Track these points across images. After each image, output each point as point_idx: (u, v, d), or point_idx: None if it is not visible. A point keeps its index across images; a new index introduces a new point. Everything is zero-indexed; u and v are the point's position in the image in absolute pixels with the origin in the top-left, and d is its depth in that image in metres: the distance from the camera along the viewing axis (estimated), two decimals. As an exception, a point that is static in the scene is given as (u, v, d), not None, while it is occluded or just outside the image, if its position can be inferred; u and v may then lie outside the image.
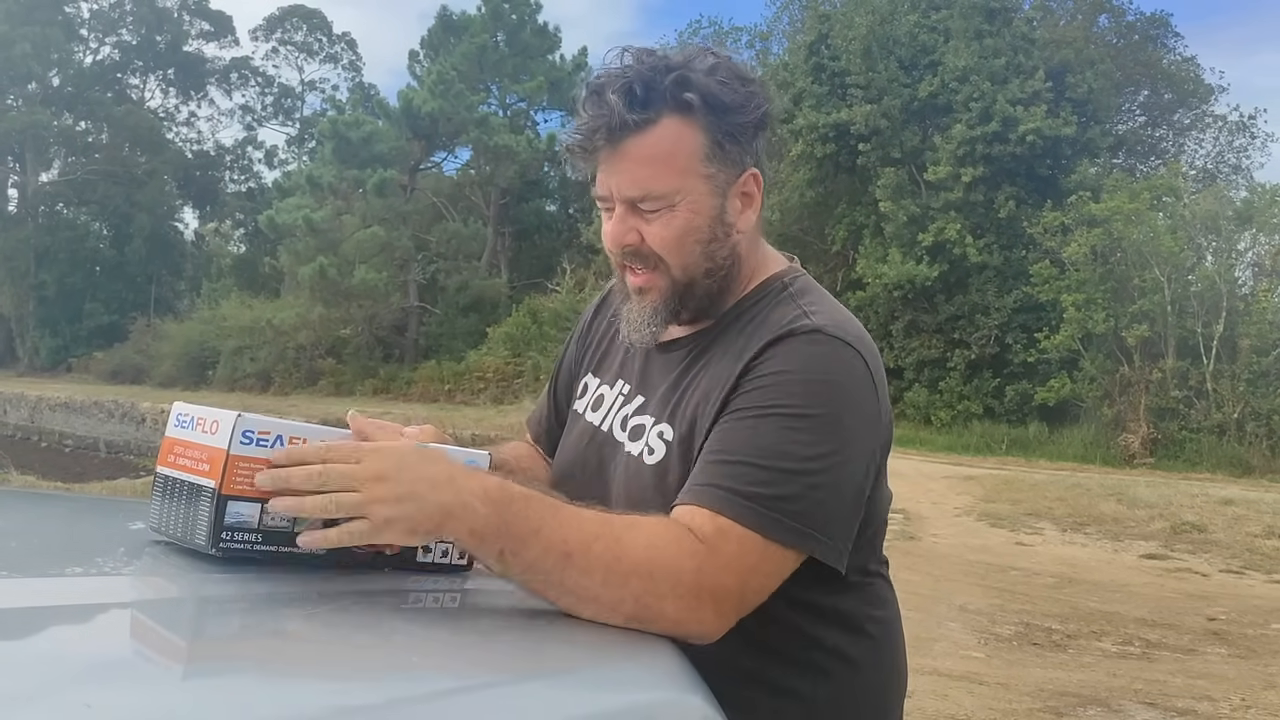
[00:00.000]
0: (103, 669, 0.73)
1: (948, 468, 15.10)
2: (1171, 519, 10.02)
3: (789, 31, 30.42)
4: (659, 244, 1.23)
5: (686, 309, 1.28)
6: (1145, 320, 17.46)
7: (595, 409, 1.41)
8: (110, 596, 0.95)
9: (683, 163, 1.20)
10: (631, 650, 1.07)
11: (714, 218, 1.24)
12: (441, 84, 28.03)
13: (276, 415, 1.14)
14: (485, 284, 29.88)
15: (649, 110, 1.18)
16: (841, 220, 23.21)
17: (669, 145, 1.19)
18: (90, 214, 45.57)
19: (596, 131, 1.18)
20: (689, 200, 1.21)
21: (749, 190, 1.27)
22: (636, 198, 1.21)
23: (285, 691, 0.77)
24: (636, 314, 1.28)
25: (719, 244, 1.25)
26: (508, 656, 0.98)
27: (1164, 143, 27.08)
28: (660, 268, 1.24)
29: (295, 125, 50.74)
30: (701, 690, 0.97)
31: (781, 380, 1.16)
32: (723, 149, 1.21)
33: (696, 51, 1.23)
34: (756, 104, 1.23)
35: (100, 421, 25.61)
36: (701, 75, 1.19)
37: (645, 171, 1.19)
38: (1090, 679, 5.16)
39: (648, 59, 1.20)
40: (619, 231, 1.23)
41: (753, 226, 1.30)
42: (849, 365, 1.18)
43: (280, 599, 1.01)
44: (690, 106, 1.18)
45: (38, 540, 1.26)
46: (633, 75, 1.18)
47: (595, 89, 1.19)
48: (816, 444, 1.12)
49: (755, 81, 1.24)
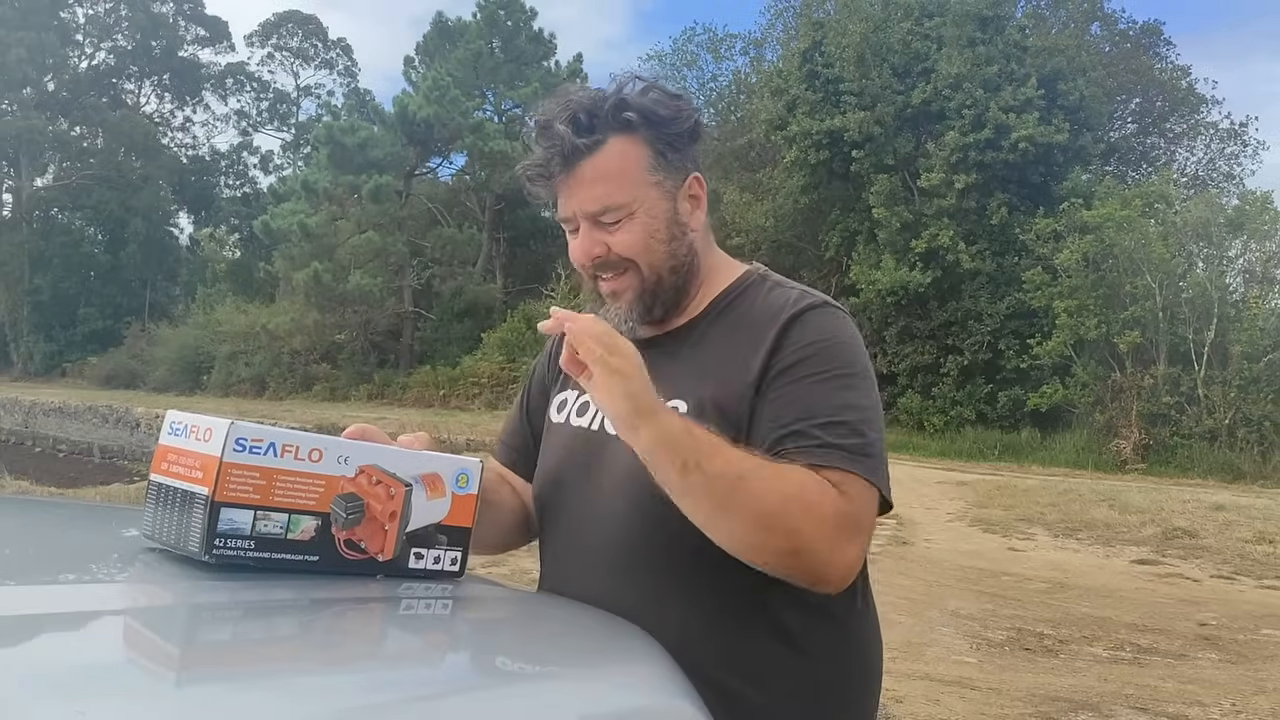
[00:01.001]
0: (96, 676, 0.74)
1: (940, 473, 15.10)
2: (1163, 524, 10.03)
3: (783, 39, 30.46)
4: (625, 249, 1.34)
5: (659, 304, 1.38)
6: (1137, 327, 17.50)
7: (580, 415, 1.44)
8: (104, 604, 0.95)
9: (634, 174, 1.32)
10: (621, 655, 1.09)
11: (669, 219, 1.35)
12: (437, 90, 28.04)
13: (271, 420, 1.16)
14: (480, 289, 29.87)
15: (595, 133, 1.30)
16: (835, 227, 23.23)
17: (618, 161, 1.31)
18: (85, 219, 45.47)
19: (551, 160, 1.31)
20: (644, 207, 1.33)
21: (695, 192, 1.38)
22: (597, 212, 1.32)
23: (279, 697, 0.78)
24: (613, 316, 1.36)
25: (678, 242, 1.36)
26: (498, 661, 1.00)
27: (1156, 150, 27.15)
28: (630, 270, 1.35)
29: (291, 131, 50.71)
30: (690, 695, 0.99)
31: (823, 347, 1.29)
32: (665, 158, 1.34)
33: (627, 78, 1.36)
34: (687, 115, 1.36)
35: (94, 427, 25.53)
36: (636, 96, 1.32)
37: (601, 188, 1.31)
38: (1082, 684, 5.17)
39: (584, 92, 1.34)
40: (587, 246, 1.34)
41: (704, 225, 1.41)
42: (853, 327, 1.36)
43: (274, 606, 1.02)
44: (631, 124, 1.31)
45: (31, 547, 1.26)
46: (575, 105, 1.31)
47: (543, 124, 1.32)
48: (867, 395, 1.29)
49: (683, 96, 1.38)
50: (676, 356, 1.36)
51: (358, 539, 1.11)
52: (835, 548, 1.19)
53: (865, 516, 1.22)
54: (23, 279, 42.51)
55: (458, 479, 1.18)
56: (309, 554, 1.08)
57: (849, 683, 1.37)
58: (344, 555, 1.10)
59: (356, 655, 0.94)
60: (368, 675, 0.87)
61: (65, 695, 0.68)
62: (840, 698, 1.35)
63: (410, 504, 1.14)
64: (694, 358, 1.36)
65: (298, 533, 1.07)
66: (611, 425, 1.36)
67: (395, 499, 1.13)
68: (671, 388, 1.32)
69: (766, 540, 1.17)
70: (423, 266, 30.06)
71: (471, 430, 18.02)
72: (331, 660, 0.91)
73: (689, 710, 0.94)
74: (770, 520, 1.17)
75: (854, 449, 1.22)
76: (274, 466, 1.06)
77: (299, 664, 0.88)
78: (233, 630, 0.98)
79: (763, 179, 25.23)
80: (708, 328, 1.38)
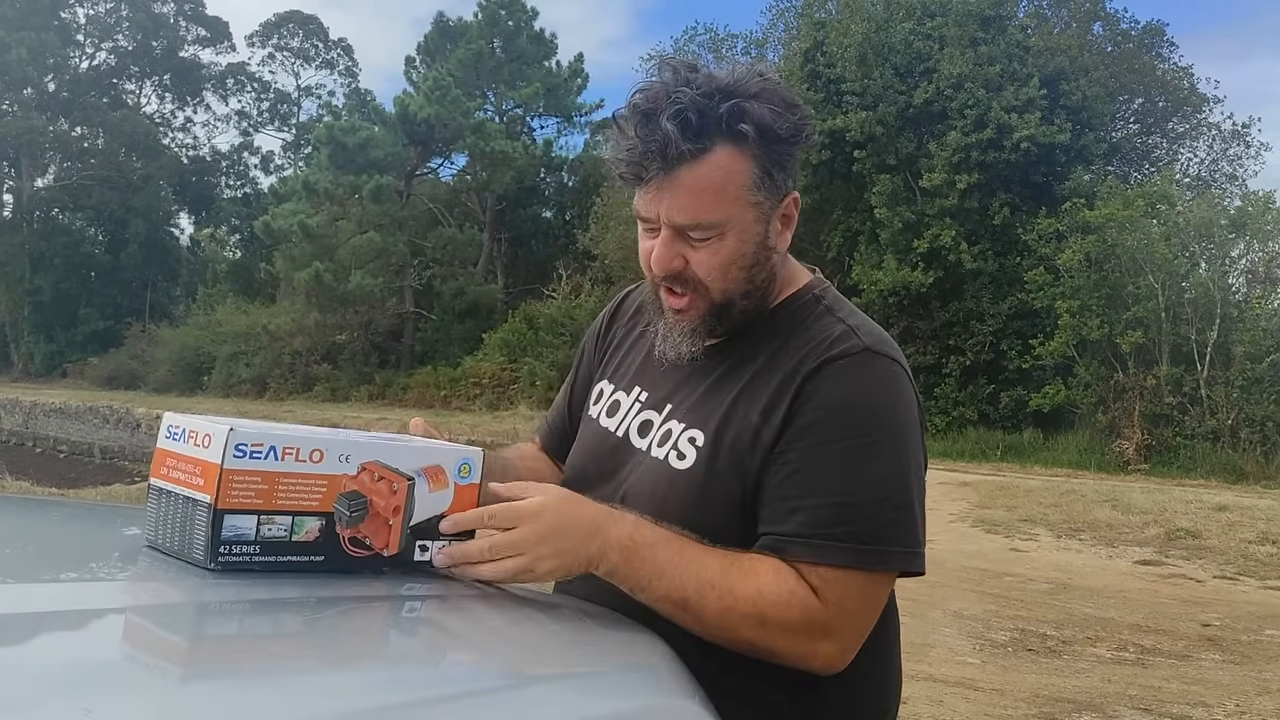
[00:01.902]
0: (100, 674, 0.73)
1: (943, 474, 15.09)
2: (1166, 525, 10.02)
3: (784, 39, 30.40)
4: (705, 271, 1.24)
5: (722, 326, 1.29)
6: (1139, 327, 17.48)
7: (610, 415, 1.42)
8: (106, 602, 0.95)
9: (734, 193, 1.20)
10: (628, 655, 1.08)
11: (758, 244, 1.25)
12: (438, 90, 28.03)
13: (272, 421, 1.15)
14: (481, 290, 29.87)
15: (703, 139, 1.17)
16: (837, 227, 23.22)
17: (721, 176, 1.19)
18: (86, 219, 45.47)
19: (650, 158, 1.18)
20: (737, 229, 1.22)
21: (789, 213, 1.29)
22: (687, 225, 1.21)
23: (284, 696, 0.77)
24: (675, 332, 1.30)
25: (760, 268, 1.27)
26: (504, 661, 0.99)
27: (1158, 150, 27.10)
28: (700, 290, 1.25)
29: (291, 131, 50.69)
30: (697, 695, 0.98)
31: (846, 408, 1.19)
32: (771, 177, 1.23)
33: (744, 73, 1.22)
34: (805, 133, 1.24)
35: (95, 427, 25.56)
36: (754, 104, 1.19)
37: (697, 202, 1.19)
38: (1085, 685, 5.16)
39: (696, 80, 1.19)
40: (665, 257, 1.23)
41: (788, 244, 1.32)
42: (899, 382, 1.24)
43: (278, 604, 1.02)
44: (745, 137, 1.18)
45: (33, 546, 1.25)
46: (686, 101, 1.16)
47: (646, 113, 1.18)
48: (891, 466, 1.19)
49: (801, 107, 1.25)
50: (712, 375, 1.31)
51: (362, 536, 1.10)
52: (805, 652, 1.16)
53: (846, 616, 1.16)
54: (23, 279, 42.51)
55: (460, 469, 1.17)
56: (314, 554, 1.07)
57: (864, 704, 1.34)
58: (349, 553, 1.09)
59: (361, 654, 0.93)
60: (372, 675, 0.87)
61: (71, 692, 0.67)
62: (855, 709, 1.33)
63: (413, 498, 1.13)
64: (726, 383, 1.29)
65: (302, 534, 1.06)
66: (637, 437, 1.35)
67: (398, 494, 1.12)
68: (697, 413, 1.29)
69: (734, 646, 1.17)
70: (424, 267, 30.06)
71: (473, 431, 18.04)
72: (335, 659, 0.90)
73: (697, 710, 0.94)
74: (720, 635, 1.16)
75: (846, 538, 1.15)
76: (275, 470, 1.04)
77: (302, 663, 0.88)
78: (237, 628, 0.98)
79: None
80: (748, 350, 1.30)
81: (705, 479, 1.24)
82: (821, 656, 1.16)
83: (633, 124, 1.19)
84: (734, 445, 1.23)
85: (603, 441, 1.40)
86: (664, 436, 1.31)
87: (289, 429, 1.09)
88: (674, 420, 1.32)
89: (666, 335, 1.31)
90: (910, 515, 1.20)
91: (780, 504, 1.19)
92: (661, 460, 1.30)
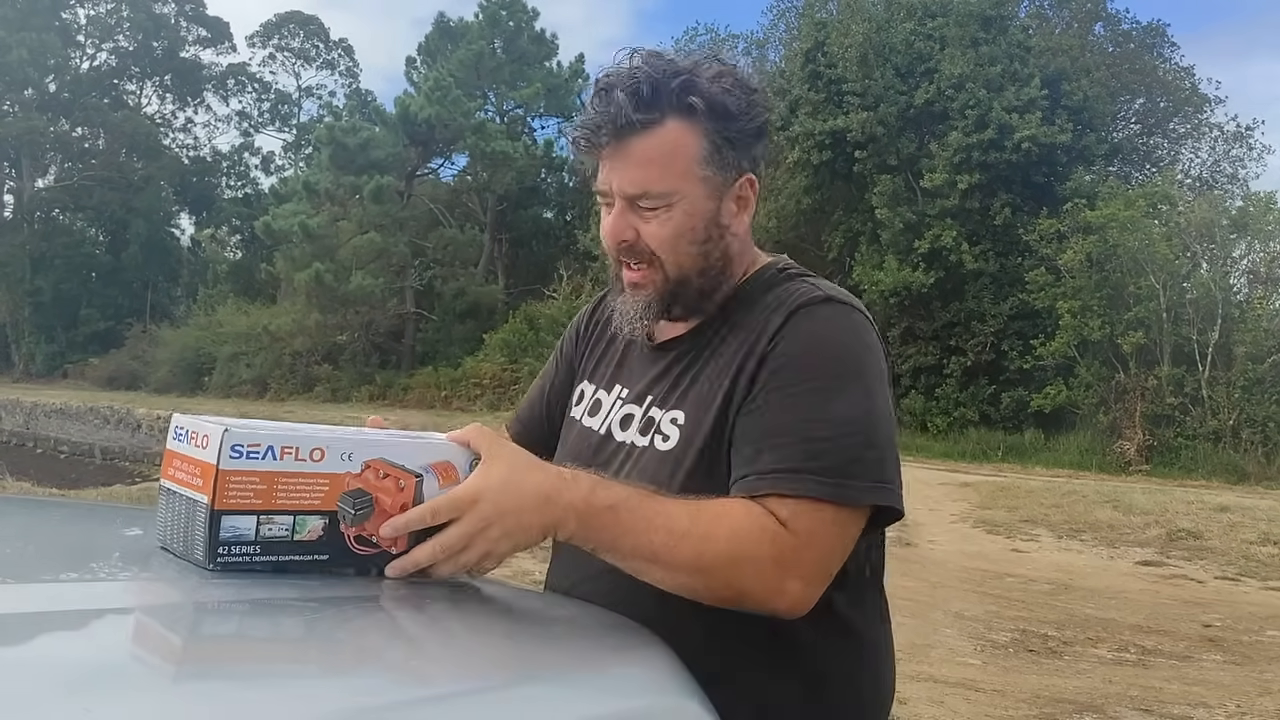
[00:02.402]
0: (101, 674, 0.73)
1: (944, 474, 15.09)
2: (1167, 526, 10.02)
3: (785, 39, 30.42)
4: (655, 242, 1.27)
5: (679, 305, 1.31)
6: (1141, 327, 17.48)
7: (593, 414, 1.43)
8: (107, 602, 0.95)
9: (682, 165, 1.24)
10: (627, 654, 1.08)
11: (709, 219, 1.28)
12: (438, 90, 28.03)
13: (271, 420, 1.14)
14: (482, 290, 29.88)
15: (654, 111, 1.22)
16: (838, 227, 23.22)
17: (670, 147, 1.23)
18: (86, 220, 45.50)
19: (602, 128, 1.23)
20: (686, 201, 1.25)
21: (744, 195, 1.31)
22: (636, 195, 1.25)
23: (283, 696, 0.77)
24: (630, 307, 1.32)
25: (712, 244, 1.29)
26: (502, 660, 0.99)
27: (1159, 151, 27.08)
28: (654, 264, 1.29)
29: (292, 131, 50.72)
30: (697, 695, 0.98)
31: (810, 352, 1.21)
32: (721, 154, 1.25)
33: (704, 58, 1.28)
34: (757, 112, 1.27)
35: (96, 428, 25.57)
36: (707, 81, 1.24)
37: (645, 171, 1.23)
38: (1086, 686, 5.16)
39: (656, 62, 1.24)
40: (618, 227, 1.28)
41: (747, 229, 1.34)
42: (863, 328, 1.26)
43: (278, 604, 1.02)
44: (694, 110, 1.23)
45: (33, 546, 1.25)
46: (641, 76, 1.22)
47: (604, 86, 1.24)
48: (857, 405, 1.19)
49: (758, 91, 1.28)
50: (686, 359, 1.33)
51: (368, 534, 1.09)
52: (772, 591, 1.14)
53: (814, 551, 1.15)
54: (24, 280, 42.52)
55: (471, 464, 1.16)
56: (318, 553, 1.07)
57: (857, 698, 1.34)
58: (355, 551, 1.09)
59: (361, 655, 0.93)
60: (372, 675, 0.87)
61: (71, 692, 0.67)
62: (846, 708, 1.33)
63: (421, 494, 1.12)
64: (700, 362, 1.31)
65: (304, 533, 1.05)
66: (620, 431, 1.36)
67: (405, 491, 1.11)
68: (676, 395, 1.31)
69: (701, 594, 1.15)
70: (424, 267, 30.08)
71: (473, 431, 18.01)
72: (335, 660, 0.90)
73: (696, 710, 0.94)
74: (693, 585, 1.14)
75: (814, 470, 1.14)
76: (274, 470, 1.03)
77: (302, 663, 0.88)
78: (236, 628, 0.98)
79: (765, 179, 25.08)
80: (717, 329, 1.32)
81: (692, 453, 1.26)
82: (788, 596, 1.14)
83: (591, 98, 1.26)
84: (713, 412, 1.25)
85: (587, 442, 1.40)
86: (646, 425, 1.33)
87: (289, 428, 1.08)
88: (655, 408, 1.33)
89: (623, 311, 1.34)
90: (880, 454, 1.19)
91: (749, 447, 1.20)
92: (647, 447, 1.31)
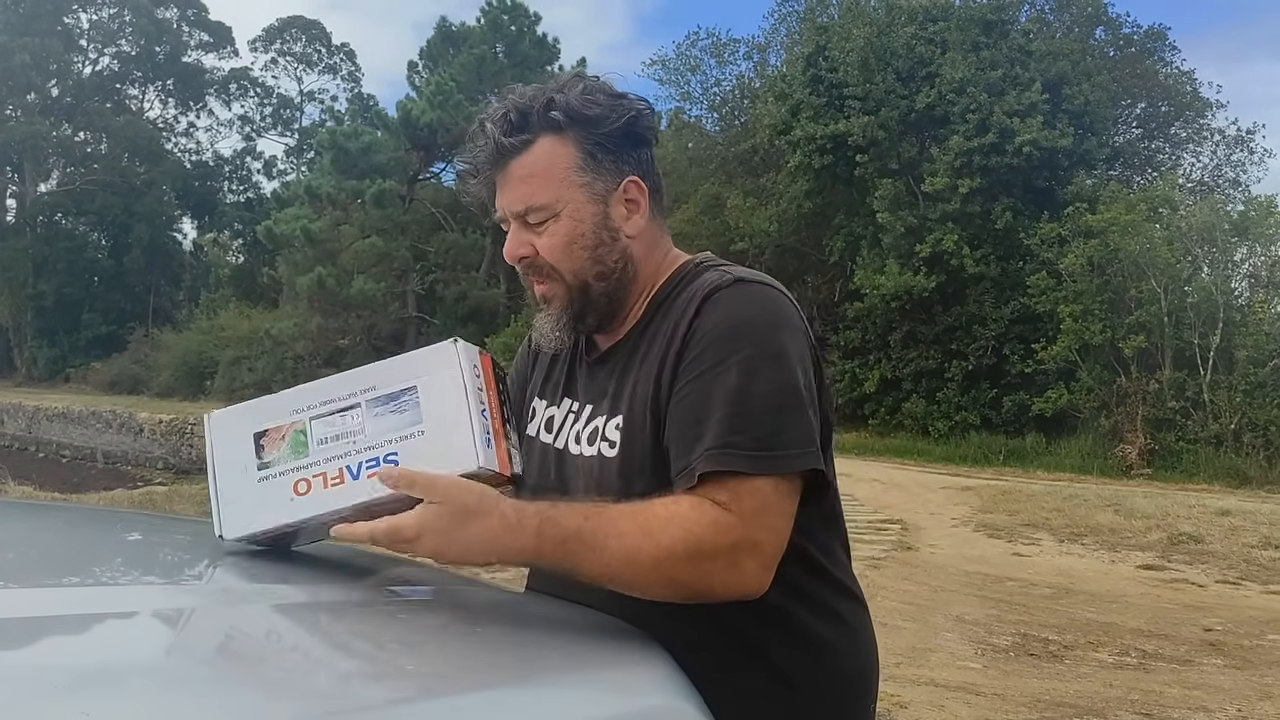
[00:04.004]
0: (100, 678, 0.74)
1: (945, 478, 15.08)
2: (1168, 530, 10.00)
3: (787, 43, 30.44)
4: (548, 253, 1.32)
5: (590, 313, 1.35)
6: (1142, 331, 17.46)
7: (548, 430, 1.45)
8: (107, 606, 0.95)
9: (559, 175, 1.29)
10: (624, 657, 1.08)
11: (597, 224, 1.32)
12: (440, 95, 28.05)
13: None
14: (484, 294, 29.88)
15: (525, 133, 1.29)
16: (839, 231, 23.21)
17: (545, 161, 1.29)
18: (89, 224, 45.48)
19: (483, 160, 1.32)
20: (569, 209, 1.30)
21: (632, 196, 1.34)
22: (522, 211, 1.31)
23: (283, 698, 0.77)
24: (544, 322, 1.37)
25: (606, 248, 1.33)
26: (501, 663, 0.99)
27: (1160, 155, 27.09)
28: (554, 275, 1.33)
29: (294, 136, 50.76)
30: (694, 697, 0.98)
31: (722, 332, 1.23)
32: (596, 159, 1.30)
33: (570, 78, 1.34)
34: (619, 114, 1.31)
35: (98, 432, 25.57)
36: (566, 96, 1.30)
37: (526, 187, 1.30)
38: (1087, 690, 5.15)
39: (525, 91, 1.32)
40: (513, 245, 1.33)
41: (644, 231, 1.36)
42: (774, 300, 1.28)
43: (278, 608, 1.02)
44: (559, 124, 1.29)
45: (35, 551, 1.26)
46: (509, 105, 1.30)
47: (478, 124, 1.32)
48: (775, 376, 1.22)
49: (624, 96, 1.34)
50: (623, 367, 1.35)
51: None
52: (733, 576, 1.17)
53: (762, 527, 1.17)
54: (26, 284, 42.50)
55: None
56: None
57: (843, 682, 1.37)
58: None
59: (358, 657, 0.94)
60: (368, 677, 0.87)
61: (70, 696, 0.67)
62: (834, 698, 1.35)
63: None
64: (634, 362, 1.34)
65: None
66: (574, 444, 1.38)
67: None
68: (615, 401, 1.34)
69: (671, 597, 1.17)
70: (426, 271, 30.07)
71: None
72: (332, 662, 0.90)
73: (691, 712, 0.94)
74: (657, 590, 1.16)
75: (743, 446, 1.17)
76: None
77: (301, 666, 0.88)
78: (236, 632, 0.98)
79: (766, 184, 25.23)
80: (644, 331, 1.35)
81: (637, 454, 1.28)
82: (749, 575, 1.17)
83: (471, 137, 1.34)
84: (648, 412, 1.28)
85: (547, 459, 1.42)
86: (593, 434, 1.36)
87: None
88: (599, 417, 1.36)
89: (538, 327, 1.39)
90: (803, 418, 1.22)
91: (679, 438, 1.23)
92: (595, 455, 1.34)
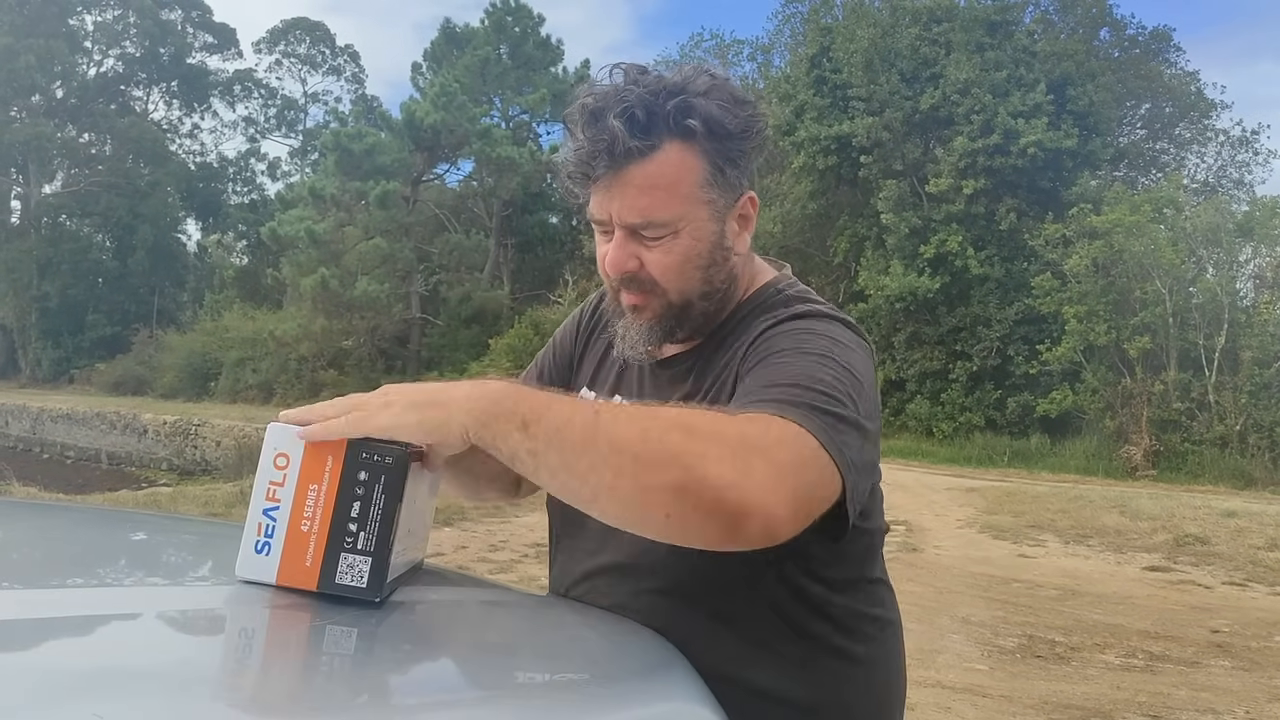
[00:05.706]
0: (109, 680, 0.73)
1: (950, 479, 15.07)
2: (1174, 531, 9.99)
3: (791, 44, 30.54)
4: (659, 271, 1.22)
5: (682, 328, 1.27)
6: (1147, 332, 17.46)
7: None
8: (114, 608, 0.94)
9: (685, 190, 1.19)
10: (639, 660, 1.07)
11: (714, 243, 1.23)
12: (444, 96, 28.11)
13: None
14: (487, 295, 29.92)
15: (651, 136, 1.15)
16: (843, 232, 23.24)
17: (672, 172, 1.17)
18: (93, 226, 45.62)
19: (597, 157, 1.16)
20: (691, 227, 1.20)
21: (746, 212, 1.27)
22: (639, 225, 1.20)
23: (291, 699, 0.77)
24: (632, 332, 1.28)
25: (717, 268, 1.25)
26: (515, 668, 0.98)
27: (1165, 156, 27.09)
28: (656, 291, 1.24)
29: (298, 137, 50.91)
30: (710, 702, 0.97)
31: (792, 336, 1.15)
32: (723, 174, 1.20)
33: (692, 72, 1.21)
34: (756, 128, 1.22)
35: (102, 433, 25.63)
36: (702, 100, 1.17)
37: (648, 199, 1.18)
38: (1093, 691, 5.14)
39: (645, 80, 1.18)
40: (619, 258, 1.22)
41: (748, 246, 1.30)
42: (850, 332, 1.20)
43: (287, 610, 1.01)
44: (693, 133, 1.17)
45: (41, 552, 1.25)
46: (633, 99, 1.15)
47: (595, 112, 1.17)
48: (839, 376, 1.08)
49: (752, 104, 1.23)
50: (690, 378, 1.29)
51: None
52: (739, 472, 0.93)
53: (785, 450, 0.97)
54: (31, 285, 42.64)
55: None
56: None
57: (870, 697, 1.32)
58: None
59: (365, 660, 0.93)
60: (384, 681, 0.86)
61: (81, 697, 0.67)
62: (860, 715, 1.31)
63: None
64: (697, 380, 1.27)
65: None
66: None
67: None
68: None
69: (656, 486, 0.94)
70: (430, 272, 30.13)
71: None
72: (344, 665, 0.89)
73: (709, 717, 0.93)
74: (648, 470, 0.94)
75: (792, 401, 1.02)
76: None
77: (313, 669, 0.87)
78: (244, 633, 0.97)
79: (771, 185, 25.27)
80: (716, 348, 1.28)
81: None
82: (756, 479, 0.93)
83: (581, 125, 1.18)
84: None
85: None
86: None
87: None
88: None
89: (624, 335, 1.29)
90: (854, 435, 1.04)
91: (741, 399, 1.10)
92: None
